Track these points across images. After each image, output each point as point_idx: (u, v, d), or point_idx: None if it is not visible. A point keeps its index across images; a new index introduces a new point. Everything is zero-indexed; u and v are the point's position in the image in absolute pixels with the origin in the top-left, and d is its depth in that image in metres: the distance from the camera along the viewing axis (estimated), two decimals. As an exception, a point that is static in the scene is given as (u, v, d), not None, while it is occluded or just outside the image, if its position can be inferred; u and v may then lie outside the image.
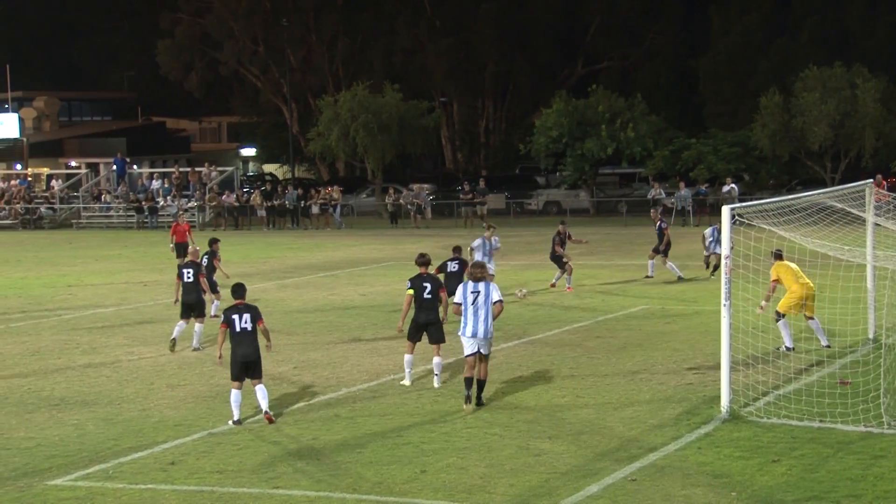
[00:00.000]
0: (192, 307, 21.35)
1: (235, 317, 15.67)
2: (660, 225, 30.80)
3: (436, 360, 17.65)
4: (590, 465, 13.25)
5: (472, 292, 16.04)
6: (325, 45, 75.44)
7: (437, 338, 17.60)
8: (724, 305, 15.12)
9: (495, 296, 16.01)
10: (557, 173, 63.03)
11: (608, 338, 21.64)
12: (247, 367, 15.67)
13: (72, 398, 17.69)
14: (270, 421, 15.65)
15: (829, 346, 19.17)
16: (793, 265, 19.25)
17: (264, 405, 15.77)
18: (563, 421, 15.36)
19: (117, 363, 20.51)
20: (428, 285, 17.58)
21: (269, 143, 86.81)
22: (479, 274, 16.22)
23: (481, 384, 16.25)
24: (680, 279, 29.55)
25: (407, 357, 17.82)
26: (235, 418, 15.65)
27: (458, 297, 16.24)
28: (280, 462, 13.80)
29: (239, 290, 16.11)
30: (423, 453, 13.93)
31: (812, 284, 19.18)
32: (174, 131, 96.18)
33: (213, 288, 23.99)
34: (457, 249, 22.63)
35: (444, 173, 73.43)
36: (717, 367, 15.65)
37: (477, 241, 26.19)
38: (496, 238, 26.54)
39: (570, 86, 69.07)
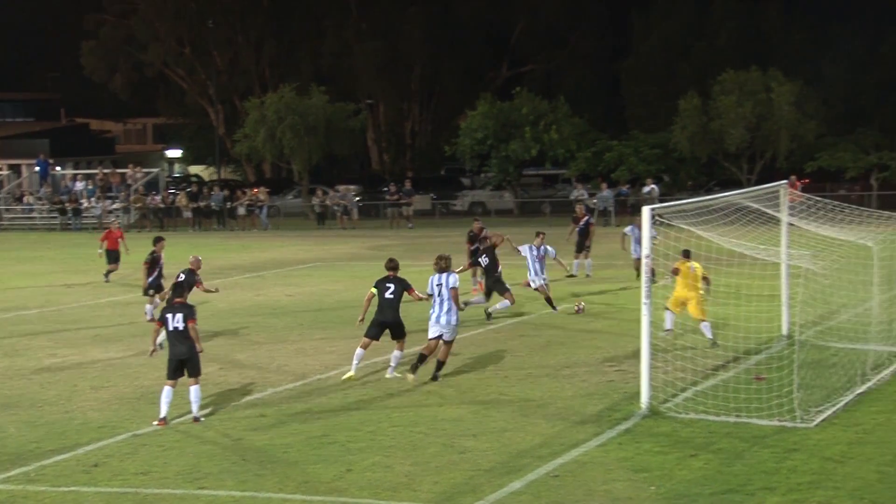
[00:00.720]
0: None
1: (169, 315, 15.81)
2: (587, 220, 31.15)
3: (396, 353, 18.33)
4: (513, 462, 13.41)
5: (437, 284, 17.80)
6: (251, 47, 74.95)
7: (399, 334, 18.28)
8: (645, 304, 15.38)
9: (451, 282, 17.71)
10: (482, 174, 63.37)
11: (532, 336, 21.85)
12: (181, 365, 15.71)
13: (-7, 401, 17.49)
14: (196, 421, 15.69)
15: (716, 345, 19.44)
16: (693, 266, 19.57)
17: (194, 408, 15.77)
18: (488, 419, 15.50)
19: (40, 366, 20.27)
20: (391, 286, 18.07)
21: (195, 145, 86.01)
22: (444, 265, 17.91)
23: (440, 364, 17.91)
24: (587, 276, 30.01)
25: (358, 350, 18.22)
26: (162, 415, 15.64)
27: (428, 288, 17.97)
28: (205, 462, 13.78)
29: (178, 288, 16.44)
30: (348, 452, 13.99)
31: (696, 290, 19.51)
32: (98, 132, 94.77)
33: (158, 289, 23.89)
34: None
35: (371, 175, 73.39)
36: (638, 363, 15.90)
37: (524, 248, 24.74)
38: (547, 247, 24.85)
39: (495, 88, 69.43)
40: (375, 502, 12.23)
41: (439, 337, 17.74)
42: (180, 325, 15.72)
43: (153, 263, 24.24)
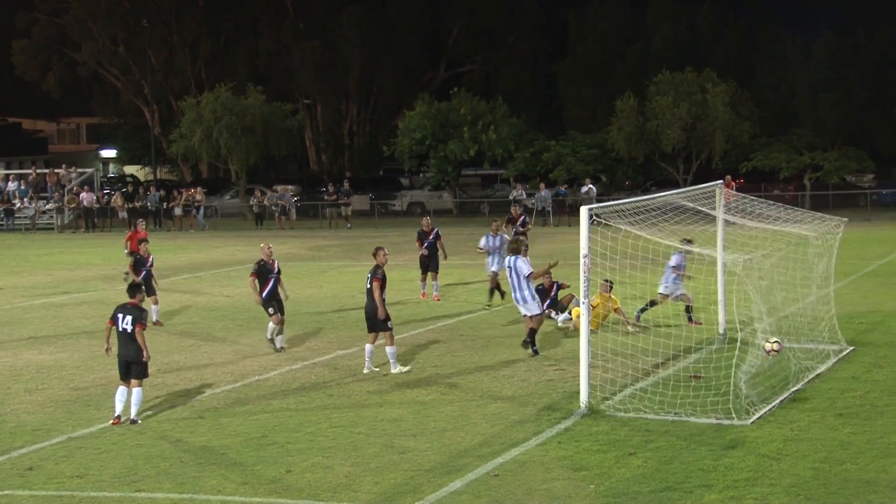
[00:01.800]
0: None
1: (119, 315, 15.76)
2: (523, 220, 31.22)
3: (368, 347, 18.68)
4: (453, 462, 13.40)
5: (507, 266, 19.57)
6: (187, 47, 74.25)
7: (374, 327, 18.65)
8: (583, 303, 15.46)
9: (522, 269, 19.16)
10: (421, 175, 63.40)
11: (472, 335, 21.89)
12: (127, 366, 15.67)
13: (-76, 405, 17.16)
14: (134, 424, 15.56)
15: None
16: (611, 298, 20.60)
17: (133, 410, 15.63)
18: (428, 418, 15.49)
19: (-28, 369, 19.93)
20: (368, 276, 18.53)
21: (130, 145, 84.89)
22: (515, 247, 19.59)
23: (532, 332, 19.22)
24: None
25: (368, 347, 18.67)
26: (116, 413, 15.61)
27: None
28: (143, 465, 13.64)
29: (132, 289, 16.29)
30: (287, 453, 13.92)
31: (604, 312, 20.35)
32: (31, 132, 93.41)
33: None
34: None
35: (309, 175, 73.05)
36: (577, 363, 15.96)
37: (483, 241, 26.08)
38: (504, 236, 25.72)
39: (433, 88, 69.48)
40: (315, 503, 12.16)
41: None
42: (128, 328, 15.63)
43: (138, 264, 24.00)
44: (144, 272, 23.88)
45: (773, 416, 14.88)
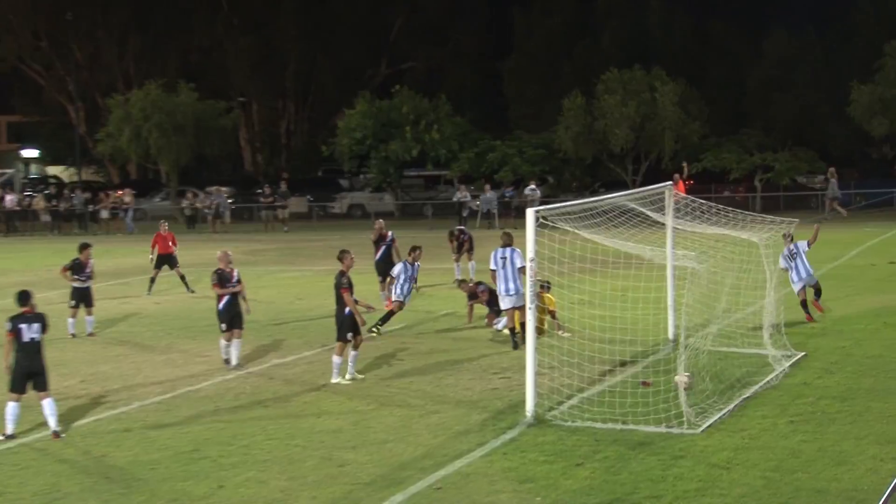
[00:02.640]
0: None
1: (24, 326, 14.88)
2: (461, 240, 30.40)
3: (351, 353, 18.03)
4: (394, 474, 13.04)
5: (500, 257, 19.76)
6: (114, 41, 72.99)
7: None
8: (529, 309, 15.09)
9: (518, 261, 19.36)
10: (361, 176, 62.89)
11: (414, 343, 21.50)
12: (31, 378, 14.91)
13: None
14: (56, 437, 14.88)
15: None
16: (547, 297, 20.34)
17: (52, 422, 14.99)
18: (368, 429, 15.08)
19: None
20: (335, 284, 18.10)
21: (53, 144, 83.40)
22: (507, 240, 19.91)
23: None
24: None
25: (335, 359, 17.94)
26: (9, 432, 14.82)
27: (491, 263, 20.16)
28: (66, 481, 13.12)
29: (25, 297, 15.25)
30: (220, 468, 13.45)
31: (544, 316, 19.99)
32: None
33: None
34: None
35: (244, 176, 72.38)
36: (523, 371, 15.60)
37: (397, 268, 23.56)
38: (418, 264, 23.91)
39: (374, 86, 69.05)
40: (249, 521, 11.68)
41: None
42: (37, 336, 14.92)
43: (76, 269, 23.12)
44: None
45: (723, 424, 14.63)
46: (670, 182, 19.95)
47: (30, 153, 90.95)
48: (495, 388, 17.33)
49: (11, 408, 14.84)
